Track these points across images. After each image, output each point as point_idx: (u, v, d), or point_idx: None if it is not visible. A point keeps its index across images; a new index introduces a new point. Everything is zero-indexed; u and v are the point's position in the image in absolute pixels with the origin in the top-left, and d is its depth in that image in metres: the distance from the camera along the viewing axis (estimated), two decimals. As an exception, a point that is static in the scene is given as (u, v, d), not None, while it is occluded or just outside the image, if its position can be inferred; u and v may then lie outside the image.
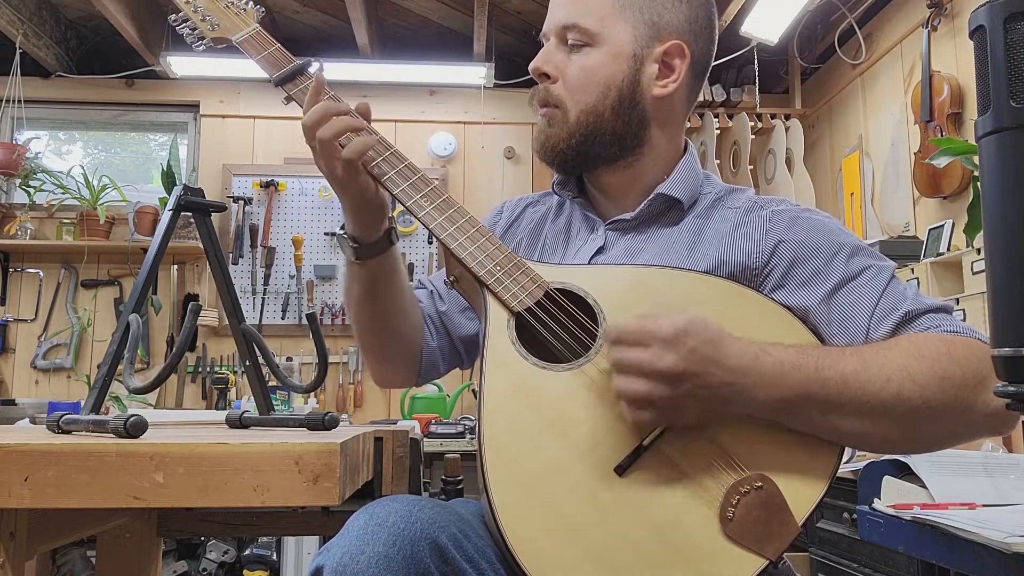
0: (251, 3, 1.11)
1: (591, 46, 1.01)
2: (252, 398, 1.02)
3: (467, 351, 1.18)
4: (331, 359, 3.86)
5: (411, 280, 1.17)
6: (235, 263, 3.89)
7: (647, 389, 0.81)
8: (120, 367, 0.86)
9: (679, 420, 0.84)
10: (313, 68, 1.04)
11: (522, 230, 1.16)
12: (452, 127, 4.11)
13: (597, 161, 1.05)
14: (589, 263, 1.04)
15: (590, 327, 0.91)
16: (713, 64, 1.10)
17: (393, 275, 1.05)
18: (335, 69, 3.78)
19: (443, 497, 1.42)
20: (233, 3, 1.10)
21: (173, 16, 1.11)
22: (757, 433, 0.86)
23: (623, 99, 1.01)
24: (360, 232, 1.01)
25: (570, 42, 1.02)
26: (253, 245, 3.92)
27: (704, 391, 0.82)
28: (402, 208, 0.99)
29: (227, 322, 1.00)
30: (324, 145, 0.94)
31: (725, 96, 3.71)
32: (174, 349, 1.08)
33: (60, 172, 3.84)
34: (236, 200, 3.90)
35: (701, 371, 0.81)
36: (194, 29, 1.10)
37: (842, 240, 0.97)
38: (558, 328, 0.91)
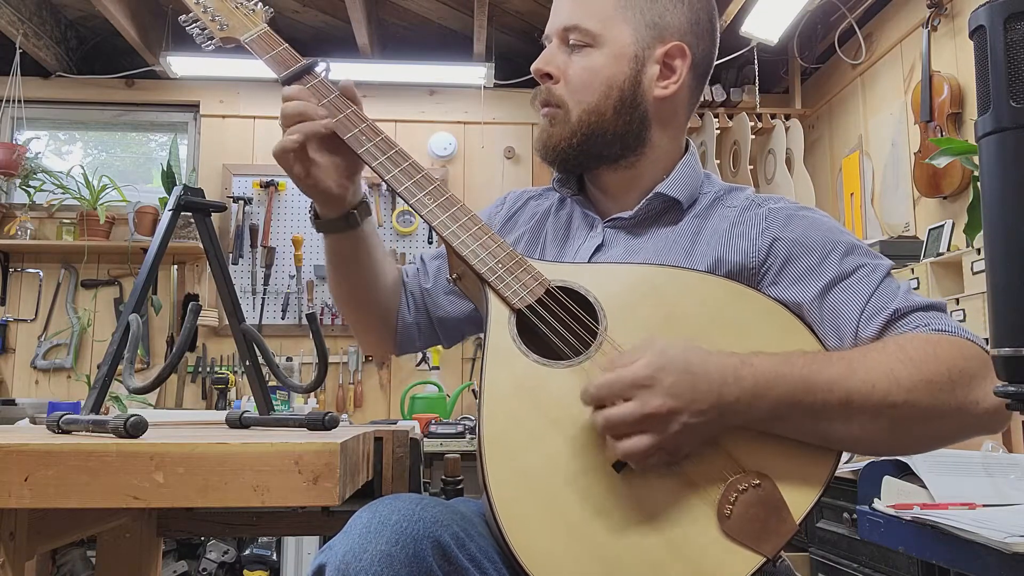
0: (259, 4, 1.13)
1: (593, 47, 1.02)
2: (252, 398, 1.02)
3: (444, 333, 1.20)
4: (331, 359, 3.86)
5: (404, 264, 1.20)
6: (235, 263, 3.89)
7: (650, 441, 0.80)
8: (120, 367, 0.86)
9: (685, 451, 0.84)
10: (320, 68, 1.05)
11: (524, 223, 1.17)
12: (452, 127, 4.11)
13: (598, 161, 1.05)
14: (589, 261, 1.04)
15: (591, 325, 0.91)
16: (713, 68, 1.11)
17: (356, 253, 1.09)
18: (335, 69, 3.76)
19: (443, 497, 1.41)
20: (242, 3, 1.11)
21: (183, 16, 1.12)
22: (755, 432, 0.86)
23: (624, 99, 1.02)
24: (319, 208, 1.07)
25: (572, 43, 1.03)
26: (253, 245, 3.92)
27: (696, 418, 0.81)
28: (404, 208, 1.00)
29: (227, 322, 1.00)
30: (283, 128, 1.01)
31: (725, 96, 3.71)
32: (174, 349, 1.08)
33: (60, 172, 3.84)
34: (236, 200, 3.90)
35: (688, 401, 0.81)
36: (203, 29, 1.11)
37: (837, 238, 0.97)
38: (559, 325, 0.91)
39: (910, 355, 0.85)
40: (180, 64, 3.77)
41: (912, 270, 2.55)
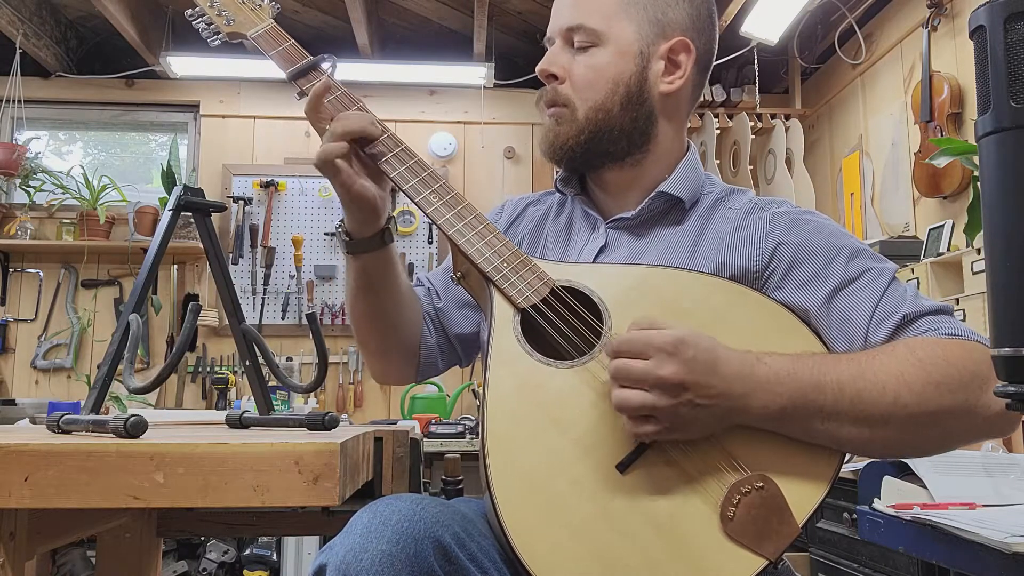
0: None
1: (597, 46, 1.02)
2: (252, 398, 1.02)
3: (464, 349, 1.18)
4: (331, 359, 3.86)
5: (411, 279, 1.18)
6: (235, 263, 3.89)
7: (648, 400, 0.80)
8: (120, 367, 0.86)
9: (681, 433, 0.84)
10: (326, 65, 1.05)
11: (523, 228, 1.17)
12: (452, 127, 4.11)
13: (604, 158, 1.05)
14: (594, 262, 1.04)
15: (595, 325, 0.91)
16: (713, 64, 1.11)
17: (386, 272, 1.06)
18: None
19: (443, 497, 1.42)
20: None
21: (190, 11, 1.12)
22: (759, 434, 0.86)
23: (631, 96, 1.02)
24: (353, 227, 1.03)
25: (576, 43, 1.03)
26: (253, 245, 3.92)
27: (704, 401, 0.81)
28: (404, 207, 1.00)
29: (227, 322, 1.00)
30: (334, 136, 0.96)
31: (725, 96, 3.71)
32: (174, 349, 1.08)
33: (60, 172, 3.84)
34: (236, 200, 3.90)
35: (701, 381, 0.81)
36: (210, 24, 1.11)
37: (842, 243, 0.97)
38: (563, 325, 0.91)
39: (920, 358, 0.85)
40: (180, 64, 3.77)
41: (912, 270, 2.55)
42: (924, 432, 0.86)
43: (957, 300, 2.26)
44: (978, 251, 2.28)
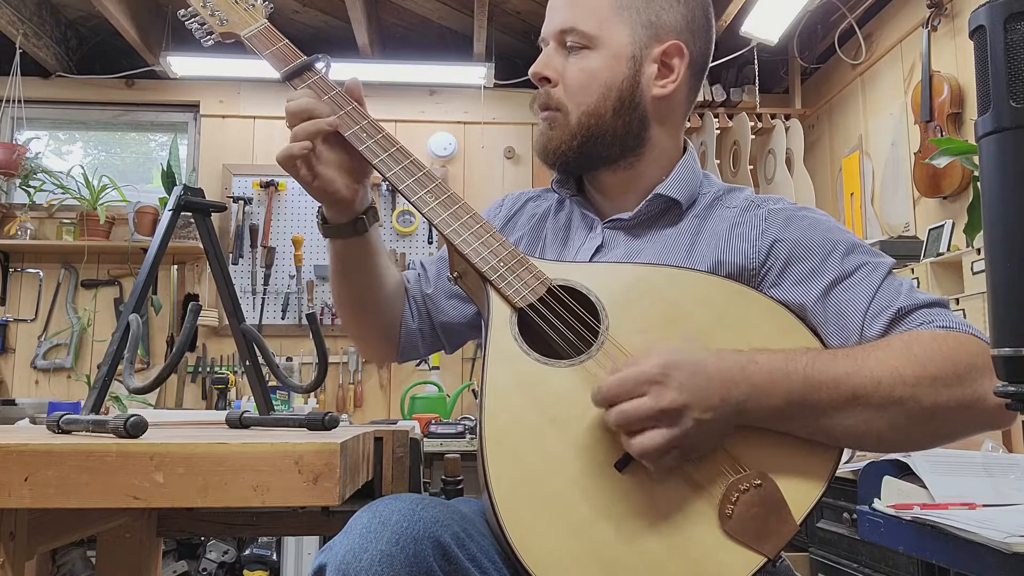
0: None
1: (590, 49, 1.02)
2: (252, 398, 1.02)
3: (448, 338, 1.19)
4: (331, 359, 3.86)
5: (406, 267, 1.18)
6: (235, 263, 3.89)
7: (667, 436, 0.80)
8: (120, 367, 0.86)
9: (696, 451, 0.84)
10: (320, 64, 1.05)
11: (522, 225, 1.17)
12: (452, 127, 4.11)
13: (598, 162, 1.05)
14: (590, 262, 1.04)
15: (592, 324, 0.91)
16: (713, 64, 1.11)
17: (361, 259, 1.08)
18: (335, 69, 3.77)
19: (443, 497, 1.42)
20: None
21: (182, 11, 1.12)
22: (757, 432, 0.86)
23: (623, 100, 1.02)
24: (327, 213, 1.05)
25: (569, 45, 1.03)
26: (253, 245, 3.92)
27: (707, 414, 0.82)
28: (403, 208, 1.00)
29: (227, 322, 1.00)
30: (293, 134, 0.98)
31: (725, 96, 3.71)
32: (174, 349, 1.08)
33: (60, 172, 3.84)
34: (236, 200, 3.90)
35: (700, 397, 0.81)
36: (203, 24, 1.11)
37: (837, 238, 0.97)
38: (560, 324, 0.92)
39: (915, 352, 0.85)
40: (180, 64, 3.77)
41: (912, 270, 2.55)
42: (921, 426, 0.86)
43: (957, 300, 2.26)
44: (978, 251, 2.29)
